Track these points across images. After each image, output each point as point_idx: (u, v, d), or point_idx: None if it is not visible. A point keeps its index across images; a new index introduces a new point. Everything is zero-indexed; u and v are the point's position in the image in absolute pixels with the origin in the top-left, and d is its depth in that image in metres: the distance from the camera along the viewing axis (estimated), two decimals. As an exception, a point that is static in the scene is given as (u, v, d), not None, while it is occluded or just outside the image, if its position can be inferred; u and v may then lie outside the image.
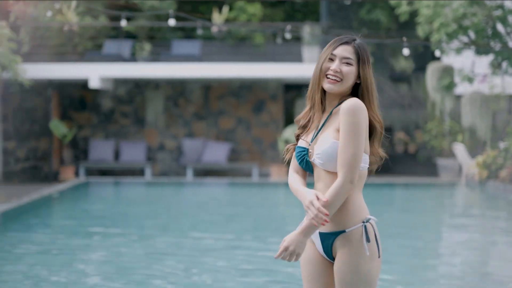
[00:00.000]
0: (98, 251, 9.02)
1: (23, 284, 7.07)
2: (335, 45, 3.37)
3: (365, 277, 3.29)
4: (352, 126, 3.24)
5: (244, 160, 19.83)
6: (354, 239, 3.30)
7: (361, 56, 3.35)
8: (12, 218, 12.39)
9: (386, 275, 7.55)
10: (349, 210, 3.31)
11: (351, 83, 3.37)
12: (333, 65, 3.33)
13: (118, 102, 19.94)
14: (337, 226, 3.32)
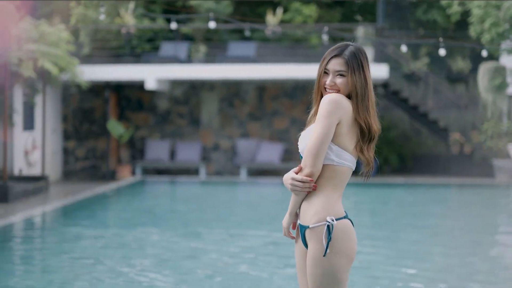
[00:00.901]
0: (146, 244, 9.29)
1: (75, 272, 7.37)
2: (327, 58, 3.54)
3: (328, 271, 3.40)
4: (320, 115, 3.42)
5: (297, 160, 19.97)
6: (317, 235, 3.43)
7: (351, 66, 3.48)
8: (68, 213, 12.83)
9: (426, 271, 7.62)
10: (318, 206, 3.45)
11: (348, 91, 3.52)
12: (328, 80, 3.51)
13: (174, 103, 20.30)
14: (306, 220, 3.48)
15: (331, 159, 3.46)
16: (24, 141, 17.12)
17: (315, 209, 3.44)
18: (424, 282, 7.19)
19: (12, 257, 8.43)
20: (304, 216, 3.48)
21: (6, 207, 12.89)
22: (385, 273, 7.64)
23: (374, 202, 15.16)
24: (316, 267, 3.40)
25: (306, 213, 3.47)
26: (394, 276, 7.47)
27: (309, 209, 3.46)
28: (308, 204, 3.47)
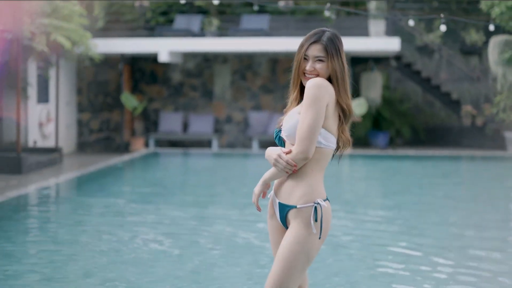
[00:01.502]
0: (151, 214, 9.51)
1: (84, 243, 7.61)
2: (306, 45, 3.66)
3: (306, 250, 3.57)
4: (309, 100, 3.53)
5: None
6: (303, 216, 3.57)
7: (329, 52, 3.62)
8: (80, 185, 13.08)
9: (424, 245, 7.79)
10: (305, 189, 3.59)
11: (327, 76, 3.66)
12: (307, 65, 3.64)
13: (187, 76, 20.45)
14: (292, 200, 3.61)
15: (319, 142, 3.60)
16: (39, 114, 17.37)
17: (303, 190, 3.58)
18: (421, 256, 7.34)
19: (22, 228, 8.68)
20: (289, 196, 3.60)
21: (19, 178, 13.16)
22: (382, 247, 7.80)
23: (382, 174, 15.29)
24: (296, 244, 3.54)
25: (292, 193, 3.60)
26: (391, 250, 7.63)
27: (296, 190, 3.59)
28: (294, 185, 3.60)
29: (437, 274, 6.49)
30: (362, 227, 8.85)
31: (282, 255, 3.56)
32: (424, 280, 6.26)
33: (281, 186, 3.66)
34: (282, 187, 3.65)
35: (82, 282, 6.07)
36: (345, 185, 13.60)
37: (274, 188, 3.72)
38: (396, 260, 7.05)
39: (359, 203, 11.01)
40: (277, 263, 3.56)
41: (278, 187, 3.70)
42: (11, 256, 6.99)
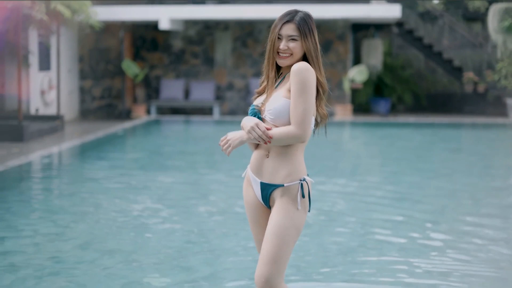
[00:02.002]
0: (150, 182, 9.61)
1: (84, 208, 7.72)
2: (280, 25, 3.72)
3: (296, 225, 3.68)
4: (301, 85, 3.57)
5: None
6: (291, 193, 3.68)
7: (303, 31, 3.68)
8: (80, 153, 13.18)
9: (419, 213, 7.88)
10: (290, 168, 3.68)
11: (300, 55, 3.72)
12: (281, 44, 3.70)
13: (189, 43, 20.44)
14: (277, 180, 3.70)
15: None
16: (40, 82, 17.41)
17: (288, 169, 3.67)
18: (415, 224, 7.42)
19: (21, 197, 8.78)
20: (274, 176, 3.68)
21: (21, 146, 13.25)
22: (377, 215, 7.88)
23: (380, 142, 15.34)
24: (286, 219, 3.64)
25: (277, 173, 3.67)
26: (385, 218, 7.72)
27: (281, 170, 3.67)
28: (278, 165, 3.67)
29: (430, 241, 6.58)
30: (357, 195, 8.93)
31: (273, 232, 3.64)
32: (418, 247, 6.36)
33: (262, 167, 3.72)
34: (264, 167, 3.72)
35: (77, 253, 6.17)
36: (342, 152, 13.67)
37: (252, 168, 3.78)
38: (389, 227, 7.14)
39: (355, 171, 11.10)
40: (270, 241, 3.64)
41: (257, 168, 3.75)
42: (9, 226, 7.10)
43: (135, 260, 5.94)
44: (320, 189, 9.19)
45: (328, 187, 9.44)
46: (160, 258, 6.02)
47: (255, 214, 3.84)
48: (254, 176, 3.77)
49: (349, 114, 19.40)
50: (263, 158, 3.73)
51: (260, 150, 3.75)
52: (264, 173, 3.71)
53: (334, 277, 5.53)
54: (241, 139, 3.66)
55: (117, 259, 5.95)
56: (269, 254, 3.63)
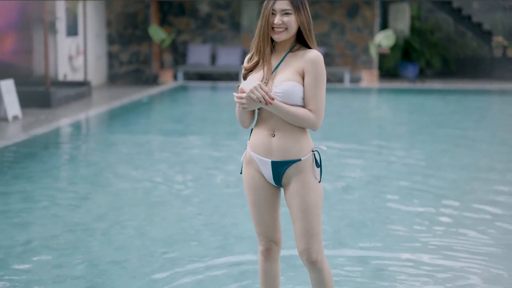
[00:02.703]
0: (168, 151, 9.75)
1: (103, 178, 7.90)
2: (272, 1, 3.76)
3: (319, 195, 3.82)
4: (321, 75, 3.72)
5: (337, 64, 20.08)
6: (307, 166, 3.77)
7: (296, 5, 3.75)
8: (106, 120, 13.36)
9: (432, 186, 7.90)
10: (303, 142, 3.77)
11: (295, 29, 3.77)
12: (275, 19, 3.74)
13: (215, 7, 20.43)
14: (292, 155, 3.77)
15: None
16: (68, 47, 17.59)
17: (301, 144, 3.75)
18: (428, 197, 7.47)
19: (43, 167, 8.96)
20: (287, 152, 3.74)
21: (48, 113, 13.46)
22: (391, 187, 7.94)
23: (402, 110, 15.30)
24: (312, 192, 3.76)
25: (290, 149, 3.74)
26: (400, 190, 7.78)
27: (294, 145, 3.74)
28: (289, 141, 3.73)
29: (441, 217, 6.63)
30: (373, 166, 8.98)
31: (304, 208, 3.77)
32: (428, 222, 6.42)
33: (270, 146, 3.77)
34: (272, 146, 3.76)
35: (92, 224, 6.33)
36: (363, 122, 13.66)
37: (256, 150, 3.81)
38: (402, 200, 7.20)
39: (373, 141, 11.10)
40: (303, 217, 3.77)
41: (264, 148, 3.79)
42: (28, 197, 7.29)
43: (146, 233, 6.08)
44: (335, 155, 9.26)
45: (344, 153, 9.50)
46: (171, 230, 6.16)
47: (259, 196, 3.87)
48: (261, 157, 3.80)
49: (376, 79, 19.32)
50: (268, 138, 3.77)
51: (262, 130, 3.79)
52: (274, 152, 3.76)
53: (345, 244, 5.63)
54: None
55: (129, 232, 6.11)
56: (306, 229, 3.76)
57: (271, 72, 3.78)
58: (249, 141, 3.86)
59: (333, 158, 9.32)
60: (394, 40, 19.28)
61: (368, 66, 19.82)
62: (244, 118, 3.84)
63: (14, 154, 9.69)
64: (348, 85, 18.89)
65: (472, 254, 5.56)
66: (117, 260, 5.39)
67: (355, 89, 18.41)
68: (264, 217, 3.89)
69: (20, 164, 9.02)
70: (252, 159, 3.85)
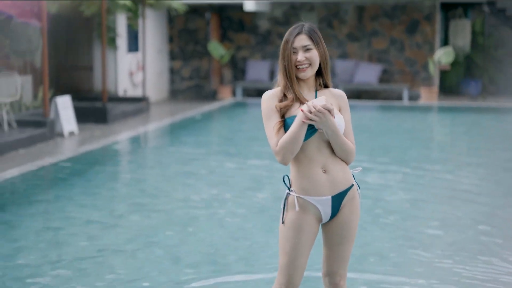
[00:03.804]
0: (213, 169, 9.85)
1: (142, 197, 8.06)
2: (291, 39, 3.76)
3: (359, 220, 3.92)
4: (348, 107, 3.88)
5: (396, 81, 19.90)
6: (355, 191, 3.84)
7: (315, 39, 3.75)
8: (158, 136, 13.57)
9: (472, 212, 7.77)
10: (347, 169, 3.81)
11: (318, 63, 3.78)
12: (298, 56, 3.73)
13: (275, 24, 20.54)
14: (347, 184, 3.78)
15: None
16: (129, 63, 17.95)
17: (345, 170, 3.79)
18: (464, 225, 7.34)
19: (86, 182, 9.16)
20: (342, 183, 3.75)
21: (103, 129, 13.76)
22: (427, 213, 7.82)
23: (456, 129, 15.01)
24: (357, 217, 3.86)
25: (342, 178, 3.76)
26: (436, 217, 7.66)
27: (343, 173, 3.76)
28: (339, 171, 3.74)
29: (474, 245, 6.51)
30: (414, 189, 8.88)
31: (351, 235, 3.84)
32: (461, 251, 6.31)
33: (325, 183, 3.74)
34: (329, 182, 3.74)
35: (123, 246, 6.46)
36: (413, 141, 13.48)
37: (310, 192, 3.75)
38: (437, 226, 7.11)
39: (420, 162, 10.96)
40: (349, 244, 3.85)
41: (319, 187, 3.75)
42: (66, 216, 7.48)
43: (175, 257, 6.16)
44: (377, 176, 9.20)
45: (387, 175, 9.43)
46: (199, 253, 6.22)
47: (304, 242, 3.79)
48: (319, 197, 3.74)
49: (435, 97, 19.07)
50: (321, 176, 3.74)
51: (311, 171, 3.73)
52: (331, 187, 3.74)
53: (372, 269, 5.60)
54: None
55: (157, 253, 6.20)
56: (341, 254, 3.84)
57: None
58: (295, 187, 3.77)
59: (375, 179, 9.26)
60: (454, 56, 19.01)
61: (428, 83, 19.59)
62: (296, 147, 3.66)
63: (61, 170, 9.94)
64: (406, 103, 18.70)
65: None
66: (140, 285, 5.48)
67: (412, 106, 18.21)
68: (300, 261, 3.79)
69: (66, 181, 9.26)
70: (307, 204, 3.76)
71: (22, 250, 6.24)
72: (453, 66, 19.89)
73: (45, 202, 8.11)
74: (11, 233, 6.81)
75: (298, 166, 3.74)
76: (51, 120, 12.49)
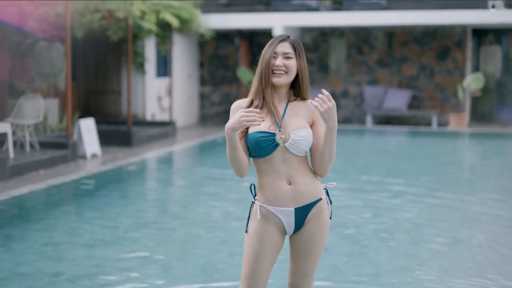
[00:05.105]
0: (227, 194, 9.83)
1: (150, 215, 8.07)
2: (274, 44, 3.74)
3: (327, 236, 3.84)
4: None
5: (425, 107, 19.74)
6: (324, 205, 3.76)
7: (297, 50, 3.73)
8: (176, 159, 13.63)
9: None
10: (316, 182, 3.75)
11: (294, 74, 3.74)
12: (277, 61, 3.70)
13: (304, 50, 20.52)
14: (314, 196, 3.72)
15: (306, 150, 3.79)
16: (158, 87, 18.10)
17: (315, 184, 3.73)
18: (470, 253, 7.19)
19: (95, 201, 9.21)
20: (309, 195, 3.70)
21: (127, 151, 13.86)
22: (429, 236, 7.70)
23: (479, 156, 14.75)
24: (325, 233, 3.79)
25: (310, 191, 3.70)
26: (436, 242, 7.53)
27: (311, 186, 3.71)
28: (306, 183, 3.69)
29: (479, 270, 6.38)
30: (420, 216, 8.75)
31: (316, 250, 3.78)
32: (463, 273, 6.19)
33: (289, 195, 3.70)
34: (293, 194, 3.70)
35: (120, 263, 6.46)
36: (431, 166, 13.31)
37: (274, 202, 3.71)
38: (430, 252, 6.99)
39: (431, 190, 10.80)
40: (313, 258, 3.78)
41: (283, 198, 3.72)
42: (71, 232, 7.52)
43: (172, 273, 6.15)
44: (390, 203, 9.09)
45: (396, 200, 9.31)
46: (193, 270, 6.20)
47: (265, 252, 3.75)
48: (282, 208, 3.71)
49: (464, 123, 18.83)
50: (286, 187, 3.69)
51: (274, 181, 3.69)
52: (295, 199, 3.70)
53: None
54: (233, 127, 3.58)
55: (154, 269, 6.19)
56: (305, 267, 3.77)
57: (281, 120, 3.70)
58: (259, 196, 3.75)
59: (390, 206, 9.16)
60: (484, 82, 18.80)
61: (458, 109, 19.37)
62: (240, 162, 3.67)
63: (74, 189, 10.03)
64: (435, 129, 18.51)
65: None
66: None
67: (440, 132, 17.98)
68: (262, 273, 3.75)
69: (76, 198, 9.33)
70: (269, 214, 3.73)
71: (22, 264, 6.29)
72: (485, 92, 19.67)
73: (52, 218, 8.16)
74: (13, 246, 6.87)
75: (263, 177, 3.72)
76: (73, 142, 12.61)
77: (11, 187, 9.90)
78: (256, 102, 3.71)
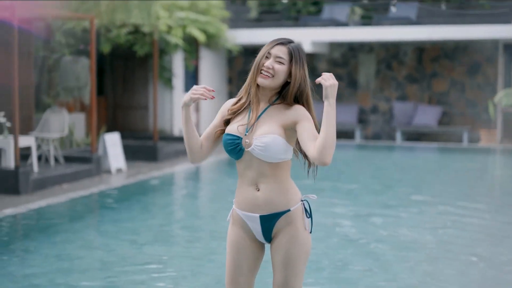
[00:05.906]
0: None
1: (164, 230, 7.99)
2: (272, 44, 3.63)
3: (306, 249, 3.60)
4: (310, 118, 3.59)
5: (456, 123, 19.45)
6: (297, 217, 3.57)
7: (294, 57, 3.58)
8: (198, 174, 13.57)
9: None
10: (289, 192, 3.58)
11: (282, 80, 3.59)
12: (267, 62, 3.59)
13: (333, 65, 20.43)
14: (282, 207, 3.57)
15: (288, 155, 3.60)
16: (185, 103, 18.08)
17: (288, 194, 3.57)
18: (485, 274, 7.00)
19: (115, 215, 9.15)
20: (275, 205, 3.56)
21: (151, 166, 13.82)
22: (440, 253, 7.51)
23: (506, 173, 14.51)
24: (296, 247, 3.56)
25: (278, 201, 3.56)
26: (452, 259, 7.33)
27: (281, 197, 3.56)
28: (276, 193, 3.55)
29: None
30: (433, 233, 8.55)
31: (286, 263, 3.58)
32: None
33: (256, 201, 3.59)
34: (259, 201, 3.58)
35: (145, 276, 6.37)
36: (468, 182, 13.05)
37: (242, 207, 3.63)
38: (446, 270, 6.80)
39: (457, 197, 10.57)
40: (284, 272, 3.59)
41: (250, 204, 3.61)
42: (85, 245, 7.45)
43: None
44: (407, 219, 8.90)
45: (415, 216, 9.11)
46: (204, 284, 6.09)
47: (239, 257, 3.66)
48: (248, 213, 3.61)
49: (495, 139, 18.50)
50: (253, 192, 3.57)
51: (244, 186, 3.60)
52: (261, 206, 3.56)
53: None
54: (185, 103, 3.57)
55: (166, 284, 6.09)
56: (284, 282, 3.58)
57: (252, 125, 3.57)
58: (235, 199, 3.67)
59: (415, 223, 8.98)
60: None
61: (490, 125, 19.05)
62: (190, 143, 3.61)
63: (95, 203, 10.00)
64: (466, 145, 18.21)
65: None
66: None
67: (471, 149, 17.67)
68: (239, 279, 3.66)
69: (97, 212, 9.28)
70: (238, 217, 3.65)
71: (35, 275, 6.24)
72: (516, 108, 19.32)
73: (70, 231, 8.11)
74: (28, 258, 6.82)
75: (239, 180, 3.65)
76: (98, 156, 12.60)
77: (33, 200, 9.89)
78: (243, 100, 3.66)
